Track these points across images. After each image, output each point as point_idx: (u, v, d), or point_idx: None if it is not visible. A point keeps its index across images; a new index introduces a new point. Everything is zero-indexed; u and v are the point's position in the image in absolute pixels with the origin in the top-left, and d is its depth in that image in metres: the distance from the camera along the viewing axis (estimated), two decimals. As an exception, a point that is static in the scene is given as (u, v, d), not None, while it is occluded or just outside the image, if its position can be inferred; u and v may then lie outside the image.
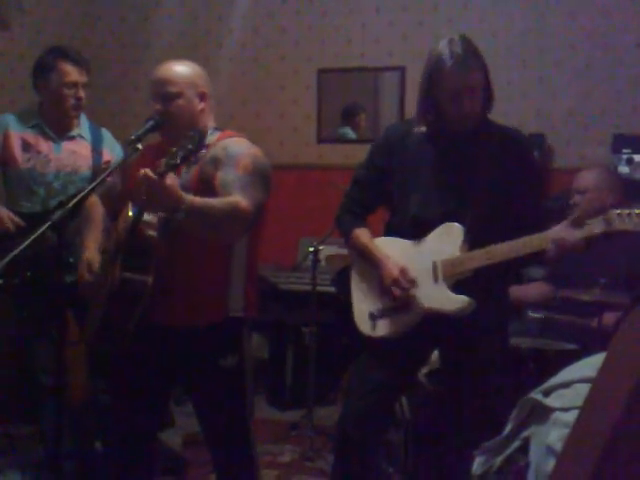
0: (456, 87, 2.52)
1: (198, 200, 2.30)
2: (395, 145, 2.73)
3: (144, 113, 2.67)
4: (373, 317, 2.74)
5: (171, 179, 2.22)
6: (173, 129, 2.53)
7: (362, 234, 2.79)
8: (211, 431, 2.68)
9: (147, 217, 2.42)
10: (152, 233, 2.43)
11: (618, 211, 2.41)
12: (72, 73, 3.27)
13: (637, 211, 2.40)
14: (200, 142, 2.33)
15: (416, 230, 2.68)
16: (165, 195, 2.20)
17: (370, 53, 5.20)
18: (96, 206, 2.82)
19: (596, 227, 2.44)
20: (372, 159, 2.80)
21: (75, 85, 3.28)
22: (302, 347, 4.58)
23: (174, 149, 2.27)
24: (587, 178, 3.55)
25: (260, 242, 2.67)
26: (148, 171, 2.20)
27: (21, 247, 2.27)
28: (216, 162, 2.48)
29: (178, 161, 2.24)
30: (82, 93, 3.30)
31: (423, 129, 2.68)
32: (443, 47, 2.53)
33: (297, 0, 5.35)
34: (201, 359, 2.58)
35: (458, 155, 2.65)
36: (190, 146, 2.27)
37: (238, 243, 2.55)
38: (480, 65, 2.55)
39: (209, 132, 2.60)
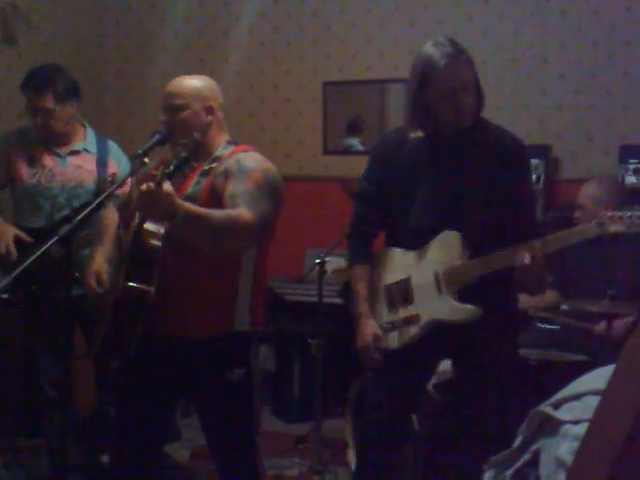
0: (451, 85, 2.52)
1: (195, 208, 2.30)
2: (391, 153, 2.72)
3: (150, 128, 2.68)
4: (383, 329, 2.73)
5: (167, 186, 2.23)
6: (179, 142, 2.54)
7: (359, 277, 2.77)
8: (217, 444, 2.67)
9: (151, 227, 2.42)
10: (156, 243, 2.42)
11: (610, 214, 2.40)
12: (31, 99, 3.33)
13: (629, 213, 2.38)
14: (195, 150, 2.41)
15: (416, 240, 2.68)
16: (161, 201, 2.21)
17: (375, 66, 5.21)
18: (112, 218, 2.82)
19: (590, 231, 2.43)
20: (372, 170, 2.78)
21: (35, 111, 3.32)
22: (309, 359, 4.55)
23: (171, 158, 2.36)
24: (584, 193, 3.56)
25: (268, 256, 2.67)
26: (149, 183, 2.24)
27: (28, 261, 2.28)
28: (227, 175, 2.50)
29: (172, 168, 2.30)
30: (39, 119, 3.31)
31: (419, 134, 2.67)
32: (430, 48, 2.54)
33: (302, 14, 5.36)
34: (207, 372, 2.58)
35: (453, 161, 2.64)
36: (184, 154, 2.34)
37: (245, 256, 2.55)
38: (470, 61, 2.56)
39: (222, 146, 2.62)
